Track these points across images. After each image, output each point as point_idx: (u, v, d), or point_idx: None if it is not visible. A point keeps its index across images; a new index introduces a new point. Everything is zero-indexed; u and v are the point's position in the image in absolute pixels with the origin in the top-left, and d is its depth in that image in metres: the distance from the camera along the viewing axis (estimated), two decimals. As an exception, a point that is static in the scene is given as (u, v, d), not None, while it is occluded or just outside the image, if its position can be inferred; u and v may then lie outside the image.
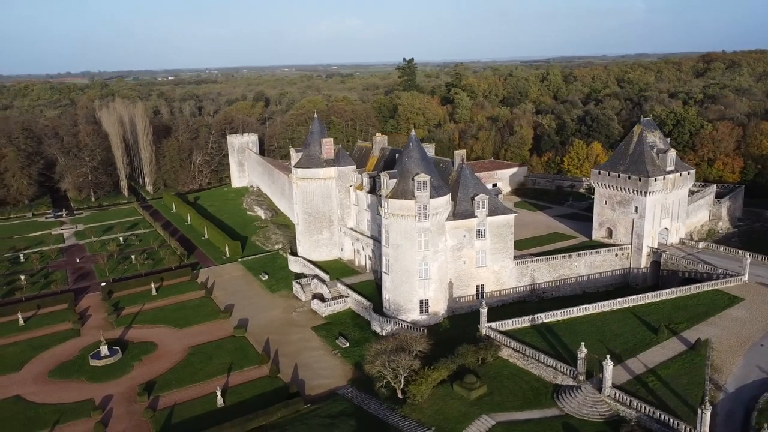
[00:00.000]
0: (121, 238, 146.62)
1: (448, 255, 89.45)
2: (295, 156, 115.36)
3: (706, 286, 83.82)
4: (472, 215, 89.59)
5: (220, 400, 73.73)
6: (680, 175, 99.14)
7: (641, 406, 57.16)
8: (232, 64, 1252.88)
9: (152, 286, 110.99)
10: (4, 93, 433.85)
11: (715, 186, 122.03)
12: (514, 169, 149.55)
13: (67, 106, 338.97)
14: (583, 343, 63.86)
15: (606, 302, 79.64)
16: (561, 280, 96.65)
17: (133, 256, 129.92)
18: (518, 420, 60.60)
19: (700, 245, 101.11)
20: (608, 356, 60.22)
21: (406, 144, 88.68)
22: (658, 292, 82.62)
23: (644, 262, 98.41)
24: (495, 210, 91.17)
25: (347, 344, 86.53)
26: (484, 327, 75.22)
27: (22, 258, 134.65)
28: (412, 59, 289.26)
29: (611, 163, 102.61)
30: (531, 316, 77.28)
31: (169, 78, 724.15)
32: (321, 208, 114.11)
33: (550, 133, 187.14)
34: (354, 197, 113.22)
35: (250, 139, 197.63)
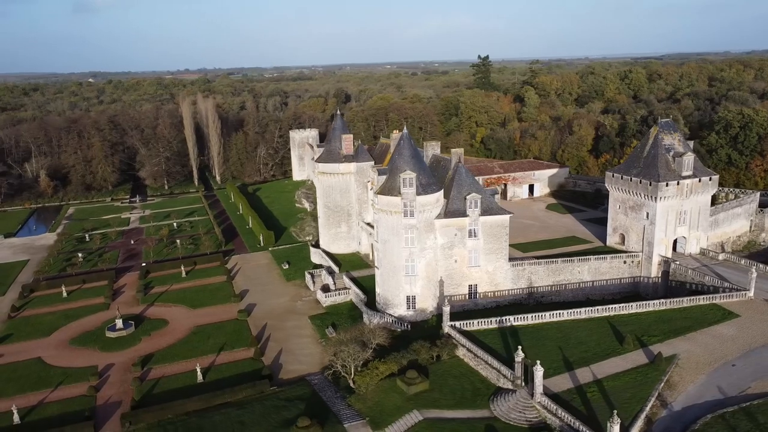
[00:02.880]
0: (175, 224, 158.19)
1: (438, 253, 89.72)
2: (317, 151, 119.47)
3: (702, 300, 78.62)
4: (464, 214, 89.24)
5: (200, 377, 79.26)
6: (699, 181, 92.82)
7: (564, 416, 55.70)
8: (340, 61, 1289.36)
9: (182, 269, 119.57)
10: (119, 88, 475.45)
11: (758, 194, 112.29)
12: (554, 170, 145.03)
13: (166, 100, 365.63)
14: (520, 347, 62.87)
15: (582, 309, 77.09)
16: (562, 285, 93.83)
17: (178, 241, 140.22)
18: (445, 418, 60.90)
19: (720, 257, 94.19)
20: (539, 362, 58.96)
21: (398, 141, 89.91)
22: (643, 302, 78.69)
23: (655, 271, 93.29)
24: (489, 210, 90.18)
25: (334, 334, 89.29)
26: (446, 325, 75.41)
27: (87, 238, 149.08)
28: (487, 56, 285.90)
29: (625, 165, 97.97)
30: (499, 318, 76.50)
31: (274, 74, 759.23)
32: (339, 202, 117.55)
33: (610, 134, 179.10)
34: (371, 192, 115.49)
35: (311, 134, 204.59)
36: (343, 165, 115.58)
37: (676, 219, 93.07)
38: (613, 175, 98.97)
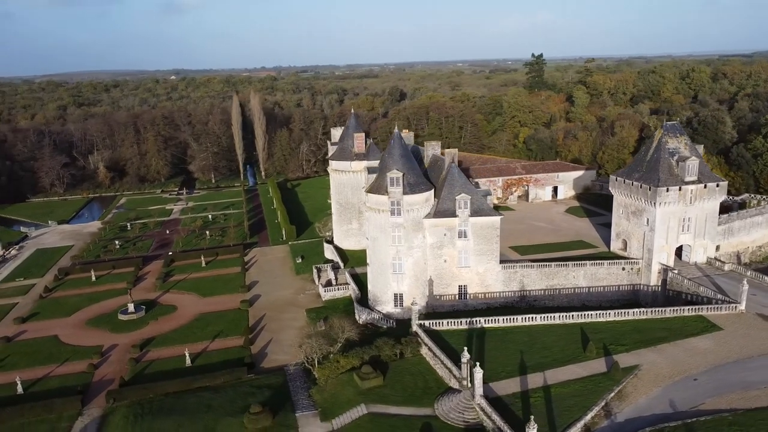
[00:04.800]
0: (210, 216, 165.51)
1: (427, 252, 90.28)
2: (331, 149, 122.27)
3: (687, 311, 75.43)
4: (453, 214, 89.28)
5: (188, 361, 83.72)
6: (704, 187, 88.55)
7: (496, 419, 55.60)
8: (412, 59, 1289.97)
9: (202, 259, 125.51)
10: (190, 85, 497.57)
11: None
12: (580, 172, 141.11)
13: (229, 97, 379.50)
14: (465, 348, 62.93)
15: (556, 314, 75.72)
16: (556, 290, 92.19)
17: (207, 232, 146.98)
18: (389, 414, 61.95)
19: (726, 267, 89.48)
20: (478, 364, 58.89)
21: (390, 140, 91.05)
22: (621, 311, 76.33)
23: (654, 279, 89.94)
24: (479, 211, 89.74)
25: (323, 328, 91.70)
26: (414, 323, 76.15)
27: (129, 227, 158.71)
28: (541, 55, 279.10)
29: (629, 169, 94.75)
30: (469, 319, 76.47)
31: (344, 72, 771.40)
32: (351, 199, 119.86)
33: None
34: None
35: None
36: (355, 163, 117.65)
37: (678, 226, 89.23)
38: (616, 179, 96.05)
